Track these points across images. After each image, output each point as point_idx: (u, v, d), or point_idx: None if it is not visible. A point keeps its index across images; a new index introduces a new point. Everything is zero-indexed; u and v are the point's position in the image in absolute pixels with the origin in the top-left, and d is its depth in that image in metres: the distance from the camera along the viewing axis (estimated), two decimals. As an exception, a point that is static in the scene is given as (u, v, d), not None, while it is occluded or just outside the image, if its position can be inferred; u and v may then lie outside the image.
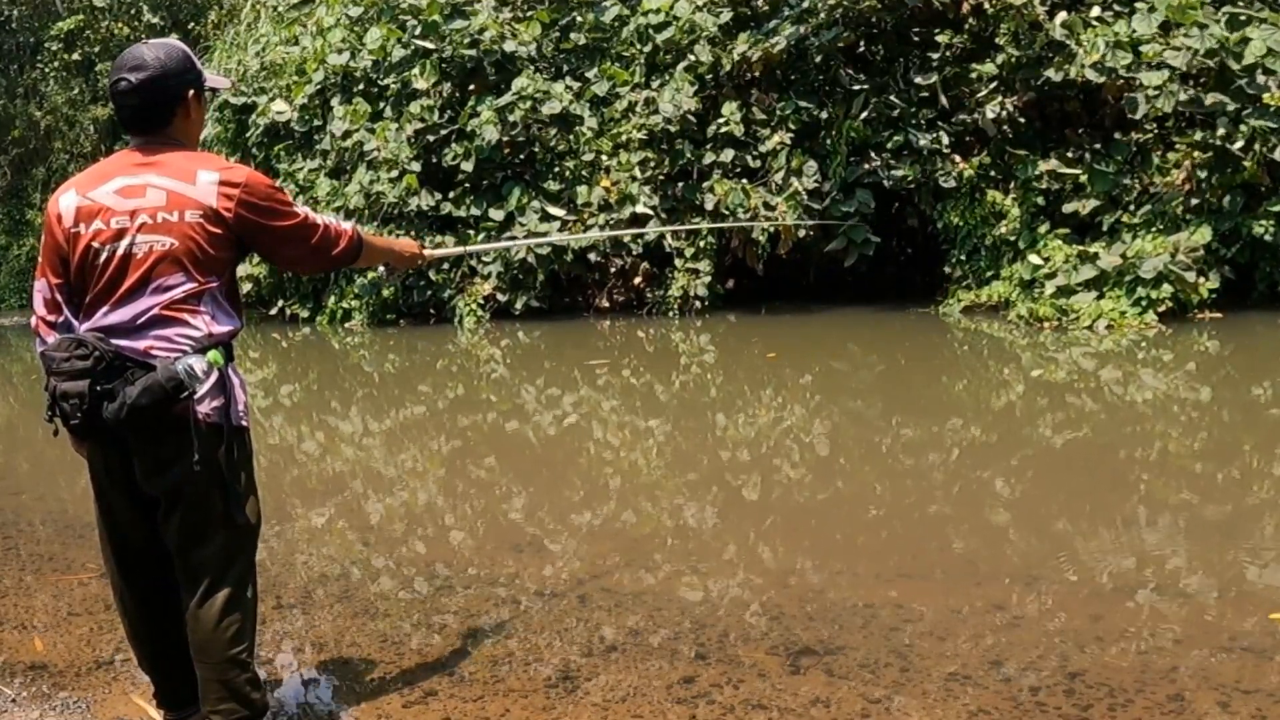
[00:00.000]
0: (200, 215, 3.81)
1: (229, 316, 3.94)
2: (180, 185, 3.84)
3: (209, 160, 4.00)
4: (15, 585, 6.19)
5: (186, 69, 3.97)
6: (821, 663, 4.70)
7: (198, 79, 4.02)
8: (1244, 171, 13.59)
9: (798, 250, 16.52)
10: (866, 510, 7.35)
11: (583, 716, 4.33)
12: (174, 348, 3.78)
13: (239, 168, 4.00)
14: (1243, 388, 10.33)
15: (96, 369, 3.71)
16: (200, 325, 3.83)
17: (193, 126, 4.07)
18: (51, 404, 3.78)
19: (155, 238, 3.82)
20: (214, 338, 3.85)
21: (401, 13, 18.72)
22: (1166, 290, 13.34)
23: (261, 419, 11.64)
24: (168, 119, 3.94)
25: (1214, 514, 6.73)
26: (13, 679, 4.92)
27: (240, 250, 4.00)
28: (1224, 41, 13.78)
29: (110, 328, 3.83)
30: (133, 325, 3.81)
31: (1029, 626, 5.03)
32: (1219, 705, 4.17)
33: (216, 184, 3.84)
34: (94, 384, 3.71)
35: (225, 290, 3.96)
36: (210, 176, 3.85)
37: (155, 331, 3.80)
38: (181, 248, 3.80)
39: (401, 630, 5.34)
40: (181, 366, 3.72)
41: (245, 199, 3.86)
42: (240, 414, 3.93)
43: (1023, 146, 15.42)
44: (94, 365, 3.71)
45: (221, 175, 3.88)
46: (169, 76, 3.91)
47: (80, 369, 3.72)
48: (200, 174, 3.86)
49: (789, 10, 16.82)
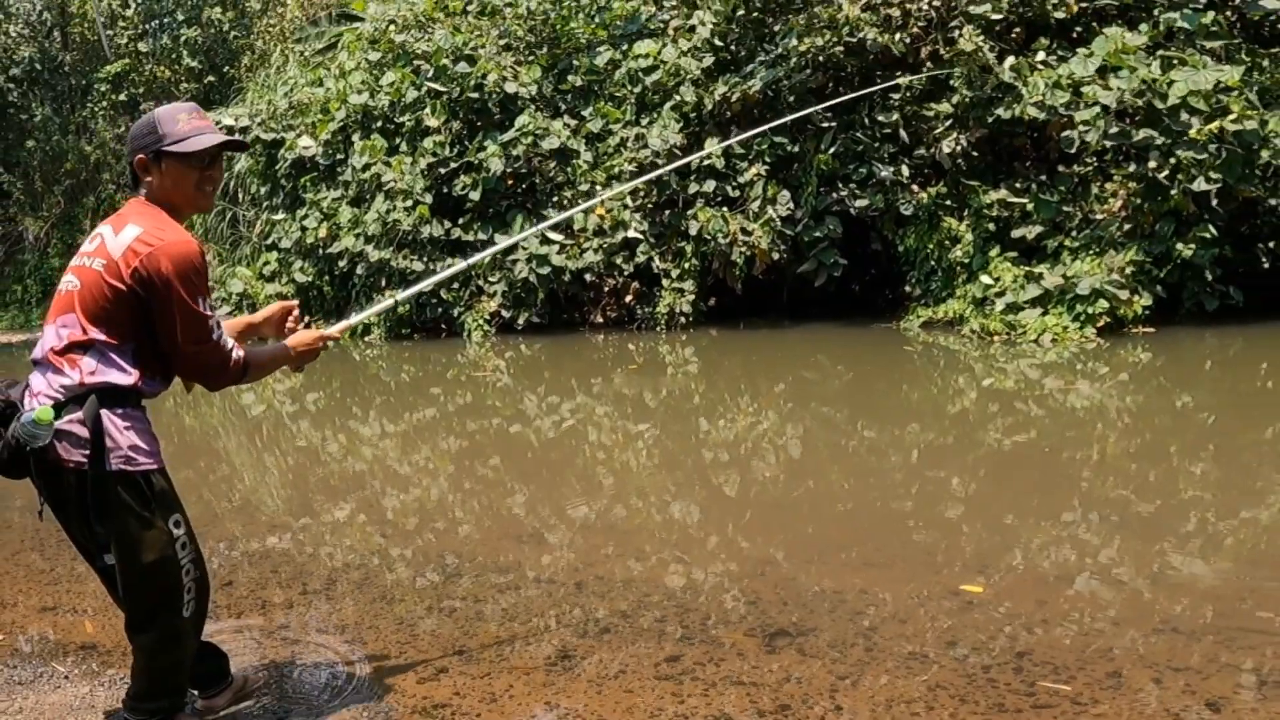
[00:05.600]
0: (104, 265, 3.61)
1: (123, 371, 3.64)
2: (110, 236, 3.66)
3: (151, 221, 3.67)
4: (68, 573, 6.18)
5: (145, 133, 3.75)
6: (794, 643, 4.71)
7: (155, 143, 3.74)
8: (1172, 200, 13.65)
9: (773, 271, 16.53)
10: (834, 505, 7.35)
11: (579, 692, 4.33)
12: (49, 395, 3.60)
13: (173, 237, 3.63)
14: (1172, 396, 10.35)
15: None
16: (74, 375, 3.61)
17: (175, 192, 3.78)
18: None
19: (72, 279, 3.69)
20: (86, 386, 3.59)
21: (415, 58, 18.77)
22: (1103, 306, 13.38)
23: (289, 423, 11.64)
24: (138, 178, 3.79)
25: (1146, 509, 6.75)
26: (66, 658, 4.92)
27: (150, 317, 3.64)
28: (1151, 82, 13.84)
29: (34, 360, 3.75)
30: (40, 360, 3.71)
31: (981, 610, 5.04)
32: (1153, 681, 4.18)
33: (131, 240, 3.59)
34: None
35: (132, 350, 3.66)
36: (133, 233, 3.62)
37: (46, 374, 3.66)
38: (84, 293, 3.63)
39: (415, 613, 5.33)
40: (21, 424, 3.54)
41: (148, 264, 3.56)
42: (115, 460, 3.60)
43: (975, 178, 15.43)
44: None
45: (142, 234, 3.61)
46: (134, 140, 3.77)
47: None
48: (128, 229, 3.64)
49: (764, 56, 16.88)
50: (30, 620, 5.51)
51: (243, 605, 5.56)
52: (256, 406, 12.35)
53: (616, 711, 4.15)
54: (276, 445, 10.67)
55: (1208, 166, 13.37)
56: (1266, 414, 9.29)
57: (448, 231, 17.44)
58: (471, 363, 14.96)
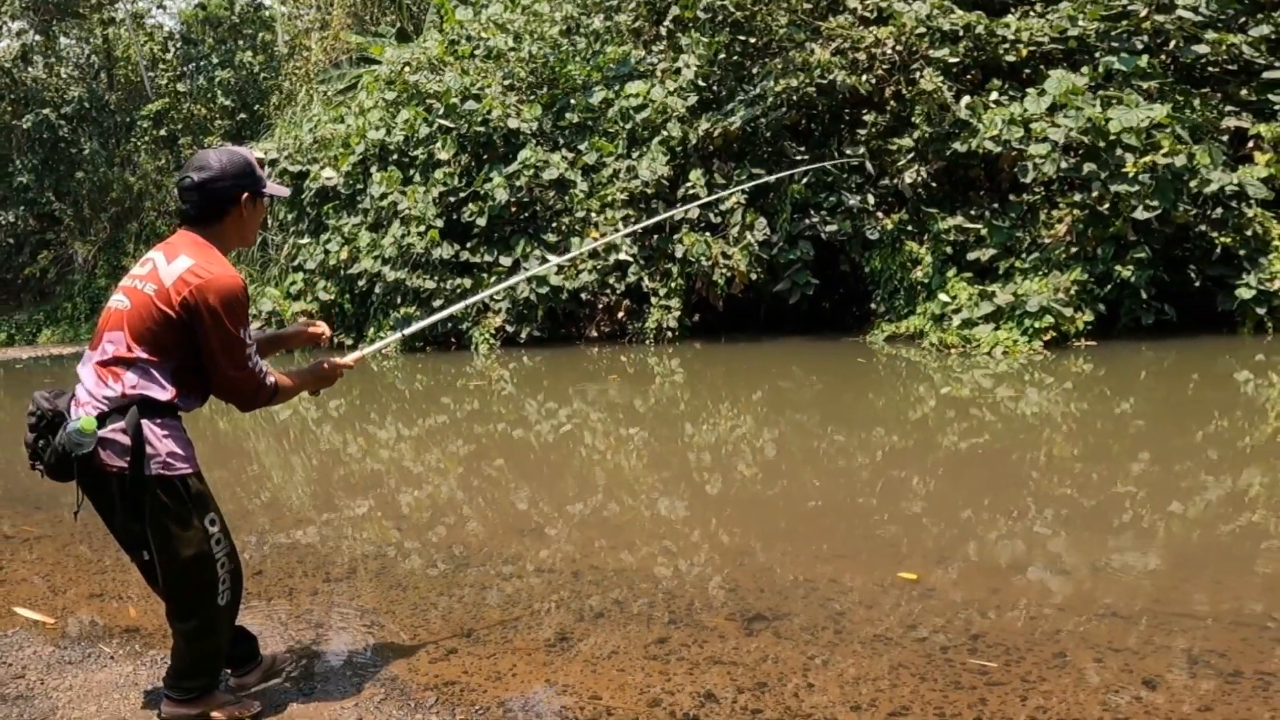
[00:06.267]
0: (155, 290, 3.61)
1: (162, 387, 3.63)
2: (163, 264, 3.65)
3: (203, 254, 3.68)
4: (114, 564, 6.17)
5: (244, 174, 3.78)
6: (770, 626, 4.71)
7: (255, 184, 3.81)
8: (1113, 226, 13.70)
9: (751, 290, 16.54)
10: (807, 502, 7.35)
11: (575, 671, 4.33)
12: (95, 405, 3.59)
13: (220, 271, 3.65)
14: (1111, 403, 10.36)
15: (39, 425, 3.64)
16: (116, 388, 3.60)
17: (244, 228, 3.86)
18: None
19: (123, 298, 3.68)
20: (127, 398, 3.58)
21: (427, 97, 18.80)
22: (1049, 322, 13.42)
23: (313, 428, 11.63)
24: (219, 216, 3.77)
25: (1088, 504, 6.75)
26: (111, 640, 4.91)
27: (194, 341, 3.64)
28: (1094, 120, 13.90)
29: (78, 376, 3.73)
30: (86, 375, 3.69)
31: (939, 597, 5.04)
32: (1094, 661, 4.19)
33: (184, 271, 3.60)
34: (37, 439, 3.65)
35: (172, 369, 3.65)
36: (185, 264, 3.62)
37: (90, 385, 3.65)
38: (133, 313, 3.62)
39: (428, 599, 5.33)
40: (67, 432, 3.55)
41: (197, 294, 3.57)
42: (155, 466, 3.60)
43: (934, 206, 15.47)
44: (37, 422, 3.64)
45: (194, 266, 3.61)
46: (226, 179, 3.74)
47: (29, 424, 3.66)
48: (181, 259, 3.64)
49: (743, 95, 16.91)
50: (79, 606, 5.51)
51: (271, 592, 5.55)
52: (284, 413, 12.33)
53: (610, 688, 4.15)
54: (302, 448, 10.65)
55: (1144, 195, 13.42)
56: (1196, 420, 9.31)
57: (457, 254, 17.46)
58: (479, 373, 14.95)
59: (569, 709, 4.00)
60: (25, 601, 5.58)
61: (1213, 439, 8.49)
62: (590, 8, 19.59)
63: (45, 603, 5.56)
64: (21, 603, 5.55)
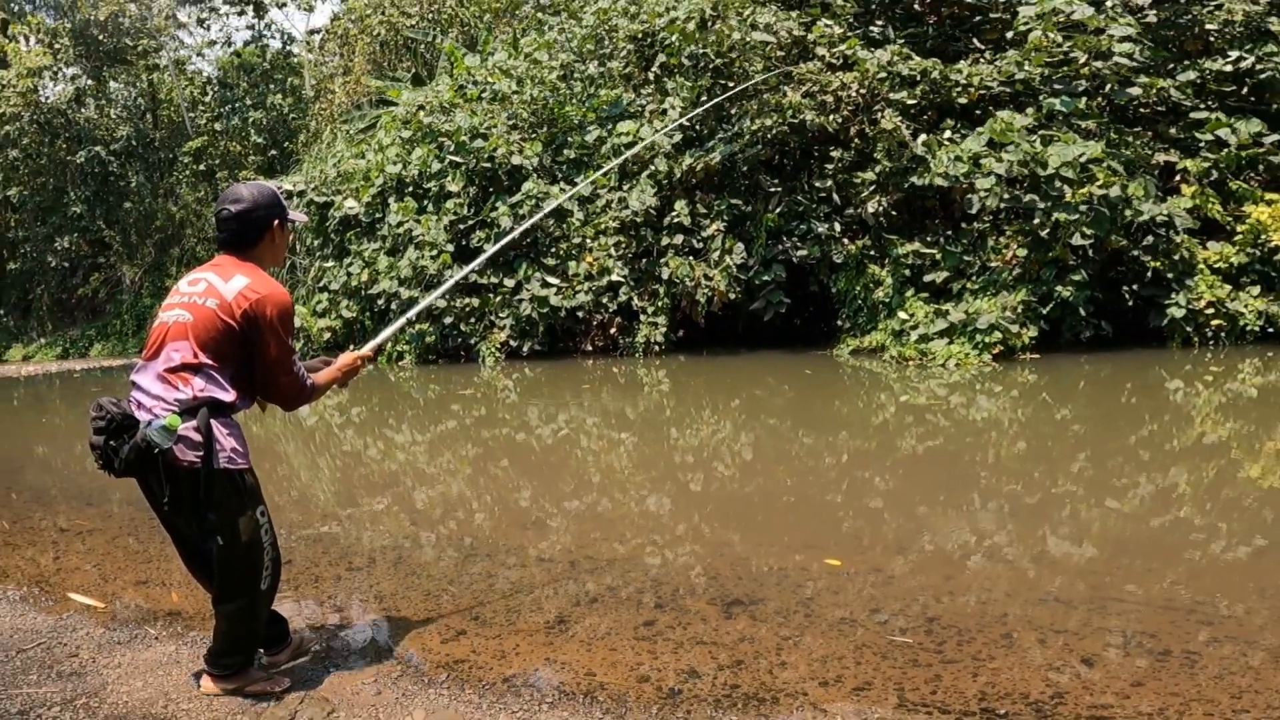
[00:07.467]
0: (217, 304, 3.68)
1: (225, 390, 3.71)
2: (220, 282, 3.73)
3: (254, 274, 3.79)
4: (158, 554, 6.15)
5: (274, 204, 3.89)
6: (747, 610, 4.71)
7: (283, 213, 3.93)
8: (1054, 251, 13.75)
9: (729, 309, 16.60)
10: (780, 498, 7.35)
11: (572, 650, 4.33)
12: (165, 407, 3.62)
13: (273, 288, 3.77)
14: (1053, 410, 10.39)
15: (109, 428, 3.62)
16: (186, 391, 3.65)
17: (275, 250, 3.95)
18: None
19: (183, 313, 3.71)
20: (198, 400, 3.64)
21: (439, 135, 18.80)
22: (997, 337, 13.48)
23: (337, 432, 11.60)
24: (255, 241, 3.86)
25: (1031, 501, 6.77)
26: (156, 623, 4.89)
27: (248, 349, 3.75)
28: (1034, 155, 13.96)
29: (135, 383, 3.75)
30: (148, 382, 3.71)
31: (899, 583, 5.05)
32: (1039, 641, 4.20)
33: (242, 287, 3.70)
34: (107, 440, 3.63)
35: (230, 374, 3.74)
36: (243, 281, 3.73)
37: (156, 390, 3.67)
38: (196, 325, 3.67)
39: (439, 586, 5.32)
40: (152, 430, 3.57)
41: (256, 307, 3.68)
42: (222, 460, 3.67)
43: (894, 233, 15.52)
44: (106, 425, 3.62)
45: (251, 284, 3.72)
46: (260, 208, 3.85)
47: (97, 428, 3.63)
48: (237, 278, 3.73)
49: (723, 133, 16.96)
50: (126, 592, 5.48)
51: (299, 579, 5.54)
52: (310, 418, 12.30)
53: (603, 666, 4.15)
54: (327, 450, 10.63)
55: (1081, 223, 13.49)
56: (1129, 425, 9.34)
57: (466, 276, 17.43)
58: (485, 383, 14.94)
59: (566, 684, 3.99)
60: (78, 588, 5.56)
61: (1144, 442, 8.51)
62: (585, 55, 19.64)
63: (96, 589, 5.54)
64: (75, 589, 5.53)
